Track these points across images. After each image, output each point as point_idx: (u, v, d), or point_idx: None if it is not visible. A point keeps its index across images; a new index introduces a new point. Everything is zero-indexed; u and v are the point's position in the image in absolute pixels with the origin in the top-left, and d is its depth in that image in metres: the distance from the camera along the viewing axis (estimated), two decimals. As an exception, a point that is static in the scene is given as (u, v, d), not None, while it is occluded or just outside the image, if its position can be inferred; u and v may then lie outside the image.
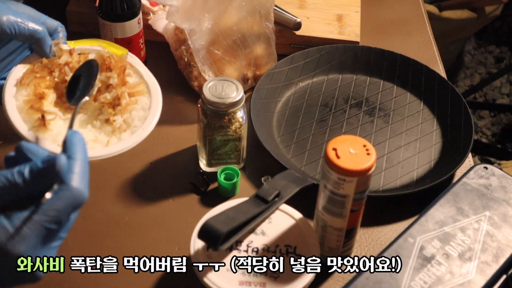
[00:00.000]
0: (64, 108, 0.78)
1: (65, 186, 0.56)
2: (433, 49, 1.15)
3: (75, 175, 0.56)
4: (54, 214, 0.55)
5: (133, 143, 0.76)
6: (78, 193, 0.56)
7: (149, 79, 0.82)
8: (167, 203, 0.86)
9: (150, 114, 0.79)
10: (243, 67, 1.00)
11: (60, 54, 0.81)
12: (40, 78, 0.79)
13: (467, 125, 0.96)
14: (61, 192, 0.55)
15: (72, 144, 0.59)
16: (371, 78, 1.07)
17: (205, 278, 0.69)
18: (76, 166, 0.57)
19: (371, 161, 0.68)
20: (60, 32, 0.81)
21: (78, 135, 0.60)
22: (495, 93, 2.40)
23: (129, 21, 0.97)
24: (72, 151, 0.58)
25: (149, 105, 0.80)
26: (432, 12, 2.00)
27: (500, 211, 0.81)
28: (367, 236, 0.84)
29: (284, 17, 1.08)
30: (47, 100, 0.78)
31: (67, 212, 0.56)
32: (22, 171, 0.55)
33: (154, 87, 0.82)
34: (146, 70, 0.83)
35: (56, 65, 0.80)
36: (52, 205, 0.55)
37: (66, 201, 0.56)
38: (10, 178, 0.55)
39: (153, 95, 0.81)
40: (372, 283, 0.72)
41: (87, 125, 0.78)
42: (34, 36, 0.76)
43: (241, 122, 0.85)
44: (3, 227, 0.54)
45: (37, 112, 0.75)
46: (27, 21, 0.75)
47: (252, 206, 0.74)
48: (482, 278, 0.73)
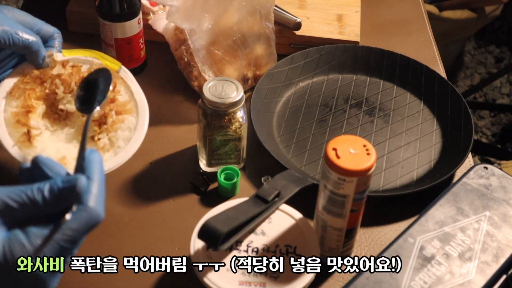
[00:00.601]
0: (52, 119, 0.78)
1: (83, 207, 0.56)
2: (433, 49, 1.15)
3: (92, 195, 0.57)
4: (71, 233, 0.56)
5: (114, 166, 0.76)
6: (95, 214, 0.57)
7: (139, 97, 0.82)
8: (167, 203, 0.86)
9: (134, 135, 0.78)
10: (243, 67, 1.00)
11: (53, 65, 0.80)
12: (30, 89, 0.78)
13: (467, 125, 0.96)
14: (78, 213, 0.56)
15: (91, 163, 0.59)
16: (371, 78, 1.07)
17: (205, 278, 0.69)
18: (94, 187, 0.57)
19: (371, 161, 0.68)
20: (56, 39, 0.81)
21: (96, 154, 0.60)
22: (495, 93, 2.40)
23: (129, 21, 0.97)
24: (90, 172, 0.58)
25: (135, 125, 0.79)
26: (432, 12, 2.00)
27: (500, 211, 0.81)
28: (367, 236, 0.84)
29: (284, 17, 1.08)
30: (35, 113, 0.77)
31: (83, 232, 0.57)
32: (42, 189, 0.56)
33: (143, 106, 0.81)
34: (137, 87, 0.82)
35: (48, 76, 0.80)
36: (70, 225, 0.56)
37: (84, 222, 0.56)
38: (30, 195, 0.56)
39: (140, 114, 0.80)
40: (372, 283, 0.72)
41: (73, 140, 0.77)
42: (28, 47, 0.76)
43: (241, 122, 0.85)
44: (21, 243, 0.55)
45: (23, 126, 0.75)
46: (22, 32, 0.75)
47: (252, 206, 0.74)
48: (482, 278, 0.73)
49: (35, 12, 0.82)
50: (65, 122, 0.79)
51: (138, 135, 0.78)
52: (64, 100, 0.79)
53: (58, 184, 0.56)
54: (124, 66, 0.85)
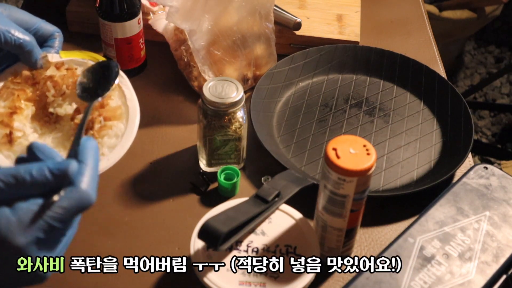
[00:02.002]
0: (43, 122, 0.77)
1: (74, 188, 0.56)
2: (433, 49, 1.15)
3: (84, 177, 0.57)
4: (61, 212, 0.55)
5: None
6: (86, 196, 0.56)
7: (131, 103, 0.78)
8: (167, 203, 0.86)
9: (120, 143, 0.75)
10: (243, 67, 1.00)
11: (47, 67, 0.79)
12: (20, 90, 0.77)
13: (467, 125, 0.96)
14: (69, 193, 0.56)
15: (85, 149, 0.59)
16: (371, 78, 1.07)
17: (205, 278, 0.69)
18: (86, 170, 0.57)
19: (371, 161, 0.68)
20: (56, 39, 0.80)
21: (92, 141, 0.60)
22: (495, 93, 2.40)
23: (129, 21, 0.97)
24: (84, 156, 0.58)
25: (123, 132, 0.76)
26: (432, 12, 2.00)
27: (500, 211, 0.81)
28: (367, 236, 0.84)
29: (284, 17, 1.08)
30: (22, 115, 0.76)
31: (72, 213, 0.56)
32: (30, 170, 0.55)
33: (134, 112, 0.77)
34: (132, 93, 0.79)
35: (41, 77, 0.78)
36: (60, 203, 0.55)
37: (74, 201, 0.56)
38: (17, 175, 0.55)
39: (130, 121, 0.76)
40: (372, 283, 0.72)
41: (59, 145, 0.76)
42: (21, 47, 0.75)
43: (241, 122, 0.85)
44: (7, 218, 0.54)
45: (5, 128, 0.74)
46: (15, 31, 0.74)
47: (252, 206, 0.74)
48: (482, 278, 0.73)
49: (35, 12, 0.82)
50: (54, 126, 0.77)
51: (124, 142, 0.75)
52: (55, 104, 0.77)
53: (49, 166, 0.56)
54: (124, 66, 0.84)
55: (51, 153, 0.58)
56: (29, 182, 0.55)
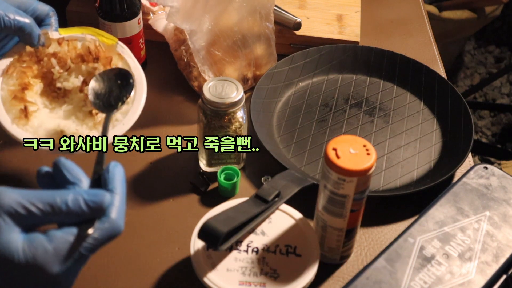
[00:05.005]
0: (52, 97, 0.78)
1: (106, 218, 0.57)
2: (433, 49, 1.15)
3: (115, 208, 0.58)
4: (93, 243, 0.56)
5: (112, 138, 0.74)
6: (117, 226, 0.57)
7: (136, 71, 0.82)
8: (167, 203, 0.86)
9: (132, 108, 0.78)
10: (243, 68, 1.00)
11: (48, 44, 0.80)
12: (27, 67, 0.78)
13: (467, 125, 0.96)
14: (101, 224, 0.57)
15: (115, 176, 0.60)
16: (371, 78, 1.07)
17: (205, 278, 0.69)
18: (117, 200, 0.58)
19: (371, 161, 0.68)
20: (51, 17, 0.81)
21: (120, 168, 0.61)
22: (495, 93, 2.40)
23: (129, 21, 0.97)
24: (114, 185, 0.59)
25: (132, 98, 0.79)
26: (432, 12, 2.00)
27: (500, 211, 0.81)
28: (367, 236, 0.84)
29: (284, 17, 1.08)
30: (33, 91, 0.77)
31: (103, 242, 0.57)
32: (66, 200, 0.56)
33: (140, 79, 0.81)
34: (135, 62, 0.83)
35: (44, 54, 0.80)
36: (93, 234, 0.56)
37: (105, 232, 0.57)
38: (53, 204, 0.55)
39: (138, 88, 0.80)
40: (372, 283, 0.72)
41: (72, 116, 0.77)
42: (21, 29, 0.76)
43: (241, 122, 0.85)
44: (44, 247, 0.54)
45: (20, 103, 0.75)
46: (13, 14, 0.75)
47: (252, 206, 0.74)
48: (482, 278, 0.73)
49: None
50: (64, 100, 0.79)
51: (135, 107, 0.78)
52: (61, 79, 0.79)
53: (85, 197, 0.56)
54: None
55: (78, 174, 0.59)
56: (65, 211, 0.56)
